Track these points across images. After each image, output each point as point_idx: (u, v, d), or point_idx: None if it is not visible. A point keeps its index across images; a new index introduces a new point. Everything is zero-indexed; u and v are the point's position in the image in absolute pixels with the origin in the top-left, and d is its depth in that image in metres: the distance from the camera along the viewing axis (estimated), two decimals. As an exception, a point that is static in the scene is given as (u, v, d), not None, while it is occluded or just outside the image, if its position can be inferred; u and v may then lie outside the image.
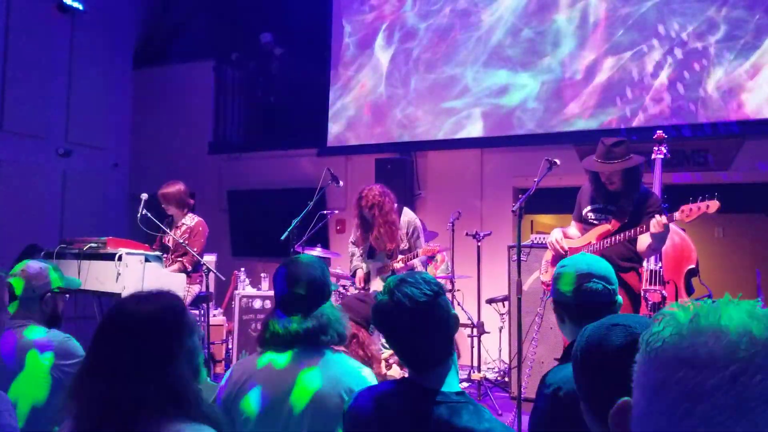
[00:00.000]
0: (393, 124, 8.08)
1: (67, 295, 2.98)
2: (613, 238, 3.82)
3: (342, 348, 2.71)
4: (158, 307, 1.57)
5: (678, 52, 6.53)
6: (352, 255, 5.46)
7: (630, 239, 3.80)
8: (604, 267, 2.13)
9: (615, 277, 2.13)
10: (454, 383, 1.70)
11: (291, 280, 2.19)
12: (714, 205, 3.37)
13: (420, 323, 1.67)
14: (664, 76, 6.60)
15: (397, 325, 1.69)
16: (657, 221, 3.53)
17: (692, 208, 3.42)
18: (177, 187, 5.59)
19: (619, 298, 2.13)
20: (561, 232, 4.12)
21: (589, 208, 4.06)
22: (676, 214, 3.50)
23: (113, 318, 1.57)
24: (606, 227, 3.91)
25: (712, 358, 0.64)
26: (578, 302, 2.08)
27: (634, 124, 6.68)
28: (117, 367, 1.48)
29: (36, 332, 2.60)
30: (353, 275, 5.45)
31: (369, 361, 2.74)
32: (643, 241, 3.78)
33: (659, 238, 3.65)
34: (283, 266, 2.26)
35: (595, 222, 4.01)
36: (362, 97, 8.35)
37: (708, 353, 0.65)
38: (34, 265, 2.76)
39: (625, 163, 3.80)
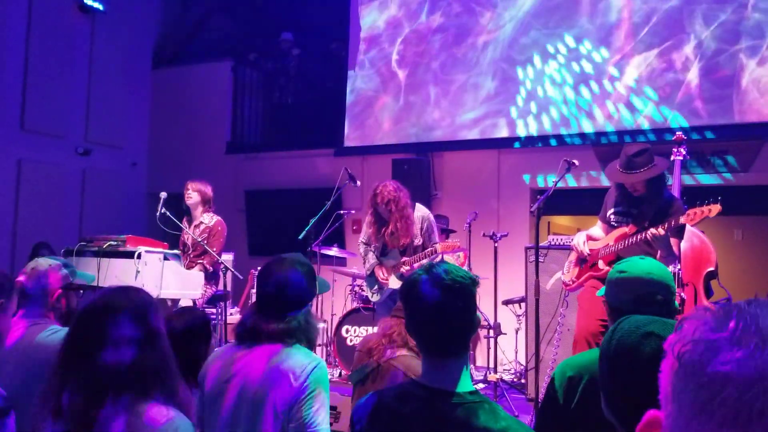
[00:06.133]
0: (409, 125, 8.07)
1: (81, 291, 2.95)
2: (628, 240, 3.88)
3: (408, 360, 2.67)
4: (135, 294, 1.73)
5: (699, 54, 6.46)
6: (365, 255, 5.37)
7: (648, 243, 3.82)
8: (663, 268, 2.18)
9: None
10: (467, 383, 1.68)
11: (267, 280, 2.23)
12: (716, 208, 3.50)
13: (450, 303, 1.65)
14: (684, 78, 6.53)
15: (427, 300, 1.65)
16: (653, 231, 3.68)
17: (696, 212, 3.55)
18: (210, 188, 5.76)
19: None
20: (585, 235, 4.21)
21: (612, 210, 4.13)
22: (682, 218, 3.60)
23: (95, 303, 1.70)
24: (624, 230, 3.99)
25: (763, 374, 0.56)
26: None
27: (654, 125, 6.62)
28: (91, 346, 1.61)
29: (50, 330, 2.53)
30: (371, 275, 5.33)
31: None
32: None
33: (660, 244, 3.75)
34: (266, 265, 2.28)
35: (615, 225, 4.08)
36: (379, 98, 8.35)
37: (757, 368, 0.57)
38: (43, 262, 2.73)
39: (647, 172, 3.85)
